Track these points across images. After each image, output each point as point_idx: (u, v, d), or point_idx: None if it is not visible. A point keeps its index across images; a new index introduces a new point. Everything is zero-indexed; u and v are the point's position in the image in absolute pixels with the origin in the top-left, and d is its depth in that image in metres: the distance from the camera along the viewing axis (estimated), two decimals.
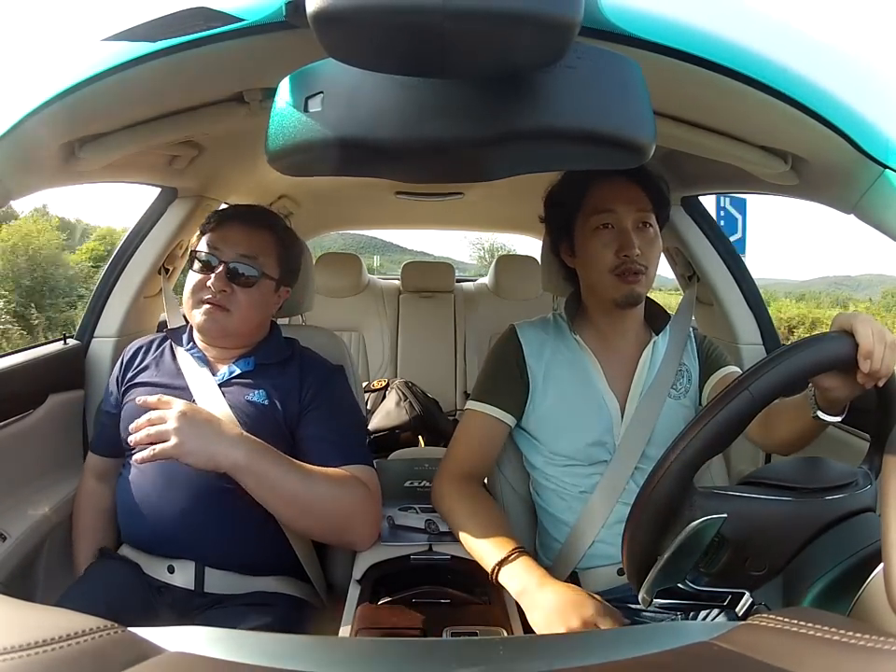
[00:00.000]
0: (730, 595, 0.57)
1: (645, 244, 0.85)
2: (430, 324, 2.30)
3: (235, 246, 0.92)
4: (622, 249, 0.84)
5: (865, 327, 0.57)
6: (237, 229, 0.94)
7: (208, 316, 0.90)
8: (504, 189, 1.71)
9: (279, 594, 0.86)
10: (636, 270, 0.84)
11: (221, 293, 0.89)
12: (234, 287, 0.90)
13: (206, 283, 0.90)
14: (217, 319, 0.90)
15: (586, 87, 0.42)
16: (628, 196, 0.86)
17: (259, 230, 0.95)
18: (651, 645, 0.36)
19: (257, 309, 0.94)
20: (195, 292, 0.91)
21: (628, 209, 0.85)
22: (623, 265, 0.84)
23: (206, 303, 0.89)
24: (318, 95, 0.43)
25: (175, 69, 0.55)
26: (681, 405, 0.90)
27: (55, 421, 1.05)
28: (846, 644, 0.33)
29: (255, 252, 0.93)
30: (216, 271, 0.90)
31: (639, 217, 0.86)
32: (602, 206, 0.86)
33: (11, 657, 0.30)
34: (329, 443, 0.87)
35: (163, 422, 0.73)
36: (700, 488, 0.55)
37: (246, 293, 0.91)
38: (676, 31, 0.52)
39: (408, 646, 0.42)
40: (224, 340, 0.94)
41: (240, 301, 0.91)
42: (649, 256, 0.86)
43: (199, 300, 0.90)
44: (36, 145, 0.64)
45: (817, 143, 0.61)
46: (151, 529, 0.83)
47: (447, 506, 0.85)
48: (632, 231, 0.84)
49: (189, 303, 0.92)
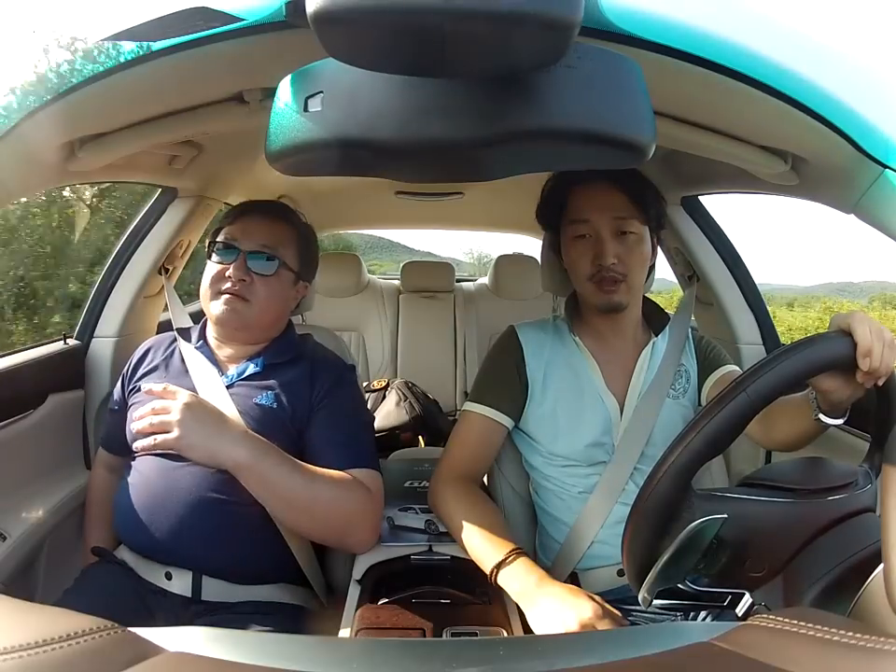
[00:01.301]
0: (730, 595, 0.57)
1: (624, 251, 0.84)
2: (430, 324, 2.30)
3: (255, 237, 0.91)
4: (596, 259, 0.84)
5: (863, 325, 0.57)
6: (257, 220, 0.93)
7: (228, 306, 0.89)
8: (504, 189, 1.71)
9: (277, 602, 0.85)
10: (613, 278, 0.84)
11: (241, 283, 0.89)
12: (253, 277, 0.90)
13: (226, 273, 0.89)
14: (236, 309, 0.89)
15: (586, 87, 0.42)
16: (605, 203, 0.85)
17: (278, 222, 0.95)
18: (650, 645, 0.36)
19: (275, 301, 0.93)
20: (214, 283, 0.90)
21: (603, 217, 0.85)
22: (598, 273, 0.84)
23: (226, 293, 0.89)
24: (318, 95, 0.43)
25: (174, 69, 0.55)
26: (680, 405, 0.90)
27: (55, 421, 1.05)
28: (846, 644, 0.33)
29: (275, 243, 0.92)
30: (235, 260, 0.89)
31: (617, 224, 0.85)
32: (577, 216, 0.87)
33: (11, 657, 0.30)
34: (336, 445, 0.86)
35: (167, 412, 0.73)
36: (699, 490, 0.55)
37: (266, 283, 0.91)
38: (676, 31, 0.51)
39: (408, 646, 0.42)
40: (242, 333, 0.92)
41: (259, 292, 0.90)
42: (628, 263, 0.85)
43: (217, 290, 0.89)
44: (36, 145, 0.64)
45: (817, 143, 0.61)
46: (149, 536, 0.82)
47: (444, 508, 0.85)
48: (609, 240, 0.84)
49: (208, 294, 0.91)
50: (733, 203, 73.92)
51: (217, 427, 0.76)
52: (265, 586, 0.85)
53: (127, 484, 0.86)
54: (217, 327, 0.93)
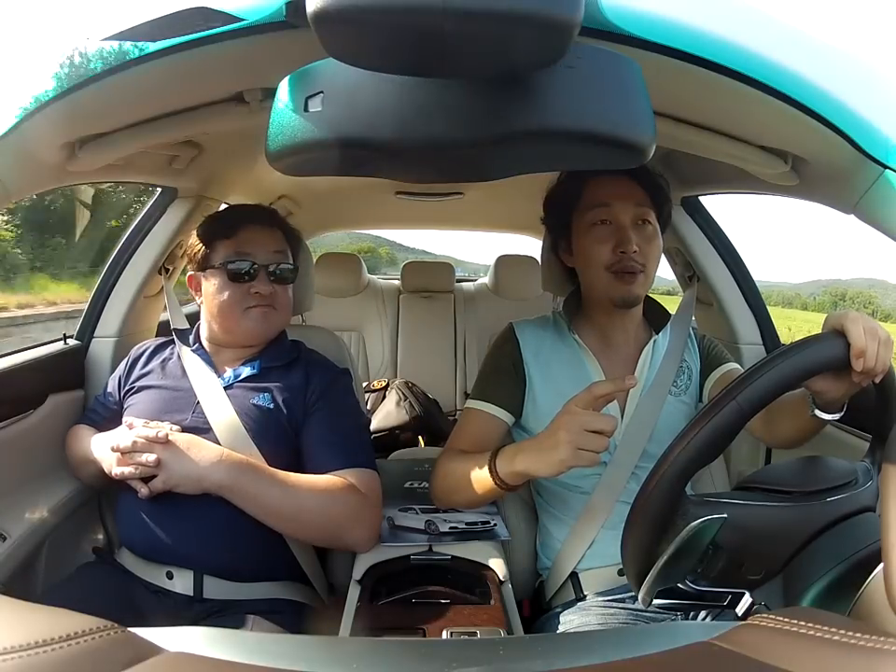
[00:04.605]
0: (730, 595, 0.57)
1: (643, 241, 0.84)
2: (430, 324, 2.30)
3: (265, 247, 0.92)
4: (619, 245, 0.83)
5: (857, 325, 0.56)
6: (258, 230, 0.94)
7: (262, 319, 0.91)
8: (504, 189, 1.71)
9: (279, 599, 0.85)
10: (632, 269, 0.83)
11: (270, 295, 0.91)
12: (275, 288, 0.92)
13: (250, 290, 0.90)
14: (269, 320, 0.91)
15: (586, 87, 0.42)
16: (626, 191, 0.85)
17: (274, 228, 0.96)
18: (650, 645, 0.36)
19: (291, 305, 0.97)
20: (239, 301, 0.90)
21: (625, 205, 0.84)
22: (619, 262, 0.83)
23: (257, 307, 0.90)
24: (318, 95, 0.43)
25: (174, 69, 0.55)
26: (682, 402, 0.90)
27: (55, 421, 1.05)
28: (846, 644, 0.33)
29: (282, 248, 0.95)
30: (257, 276, 0.90)
31: (638, 213, 0.85)
32: (599, 201, 0.85)
33: (11, 657, 0.30)
34: (331, 446, 0.87)
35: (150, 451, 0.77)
36: (693, 496, 0.55)
37: (285, 291, 0.94)
38: (676, 31, 0.51)
39: (408, 646, 0.42)
40: (263, 340, 0.95)
41: (282, 300, 0.93)
42: (647, 254, 0.84)
43: (245, 307, 0.90)
44: (36, 145, 0.64)
45: (817, 143, 0.61)
46: (150, 536, 0.82)
47: (441, 482, 0.86)
48: (630, 228, 0.83)
49: (234, 314, 0.91)
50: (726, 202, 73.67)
51: (195, 457, 0.78)
52: (267, 584, 0.85)
53: (127, 487, 0.86)
54: (249, 339, 0.93)
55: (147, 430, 0.79)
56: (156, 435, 0.78)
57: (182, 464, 0.78)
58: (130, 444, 0.77)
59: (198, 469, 0.78)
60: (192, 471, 0.78)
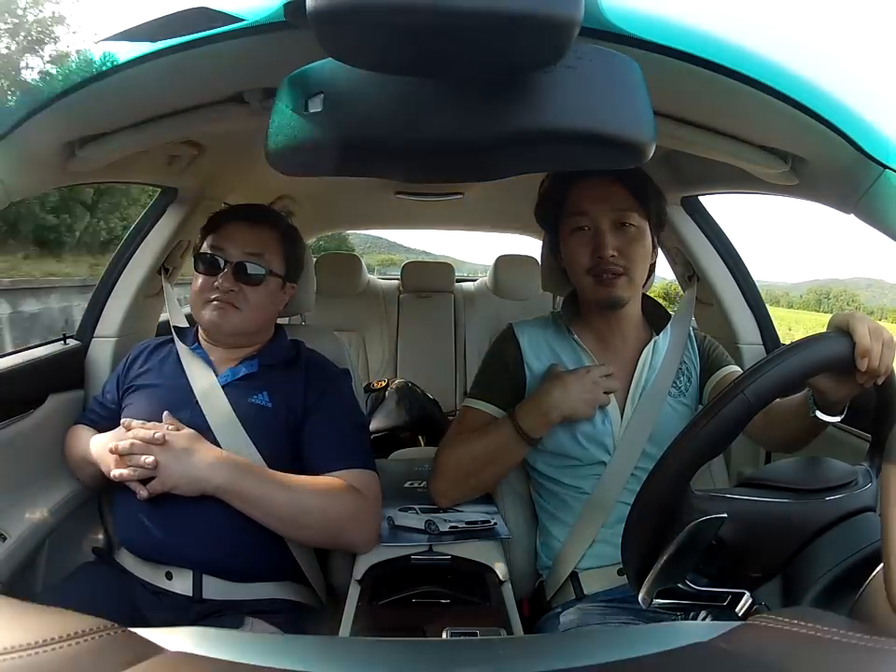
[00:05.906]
0: (730, 595, 0.57)
1: (624, 244, 0.84)
2: (430, 324, 2.30)
3: (241, 245, 0.91)
4: (595, 251, 0.84)
5: (862, 325, 0.56)
6: (241, 227, 0.93)
7: (218, 313, 0.89)
8: (504, 189, 1.71)
9: (279, 599, 0.85)
10: (613, 272, 0.83)
11: (230, 292, 0.89)
12: (242, 286, 0.90)
13: (213, 283, 0.89)
14: (227, 317, 0.90)
15: (586, 87, 0.42)
16: (603, 196, 0.85)
17: (262, 227, 0.95)
18: (650, 645, 0.36)
19: (265, 307, 0.94)
20: (202, 293, 0.91)
21: (602, 209, 0.84)
22: (598, 266, 0.84)
23: (215, 301, 0.89)
24: (318, 95, 0.43)
25: (174, 69, 0.55)
26: (681, 403, 0.90)
27: (55, 421, 1.05)
28: (846, 644, 0.33)
29: (260, 249, 0.92)
30: (222, 271, 0.89)
31: (617, 216, 0.84)
32: (576, 209, 0.86)
33: (11, 657, 0.30)
34: (330, 446, 0.87)
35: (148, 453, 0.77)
36: (697, 491, 0.55)
37: (255, 291, 0.91)
38: (676, 31, 0.52)
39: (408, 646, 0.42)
40: (233, 338, 0.93)
41: (249, 300, 0.91)
42: (629, 256, 0.84)
43: (206, 299, 0.90)
44: (36, 145, 0.64)
45: (817, 143, 0.61)
46: (149, 537, 0.82)
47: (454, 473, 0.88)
48: (608, 232, 0.83)
49: (197, 304, 0.91)
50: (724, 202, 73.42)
51: (194, 458, 0.78)
52: (267, 584, 0.85)
53: (124, 489, 0.86)
54: (208, 333, 0.94)
55: (145, 432, 0.79)
56: (153, 437, 0.78)
57: (180, 466, 0.77)
58: (128, 446, 0.77)
59: (196, 472, 0.77)
60: (191, 474, 0.77)
